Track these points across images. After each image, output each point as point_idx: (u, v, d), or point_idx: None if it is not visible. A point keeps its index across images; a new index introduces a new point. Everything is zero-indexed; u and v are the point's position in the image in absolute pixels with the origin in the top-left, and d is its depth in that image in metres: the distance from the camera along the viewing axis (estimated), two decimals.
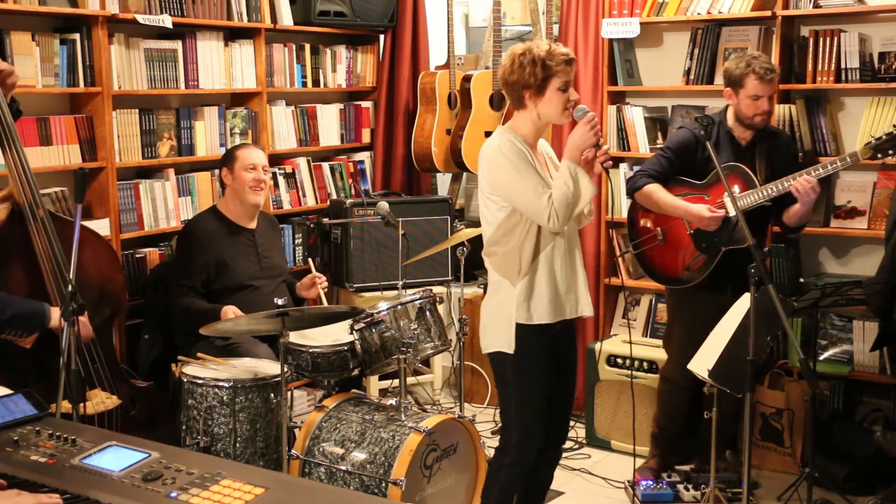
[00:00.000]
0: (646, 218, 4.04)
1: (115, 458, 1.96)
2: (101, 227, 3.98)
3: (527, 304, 3.04)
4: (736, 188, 3.77)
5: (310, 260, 4.57)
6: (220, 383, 3.43)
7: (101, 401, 3.32)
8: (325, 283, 4.25)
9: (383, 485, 3.30)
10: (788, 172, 3.77)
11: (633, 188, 3.93)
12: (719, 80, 4.55)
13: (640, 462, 4.20)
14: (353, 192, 5.40)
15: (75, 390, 2.78)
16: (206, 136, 4.58)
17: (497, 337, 3.10)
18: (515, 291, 3.04)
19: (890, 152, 3.64)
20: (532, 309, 3.04)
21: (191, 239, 4.04)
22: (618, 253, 4.82)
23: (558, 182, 2.98)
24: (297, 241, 5.05)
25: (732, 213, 3.74)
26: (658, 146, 3.92)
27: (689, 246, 3.90)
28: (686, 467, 4.17)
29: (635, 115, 4.80)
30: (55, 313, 3.11)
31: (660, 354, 4.28)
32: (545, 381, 3.13)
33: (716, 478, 3.60)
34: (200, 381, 3.46)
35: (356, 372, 3.74)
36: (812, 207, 3.76)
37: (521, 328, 3.05)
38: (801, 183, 3.63)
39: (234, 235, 4.12)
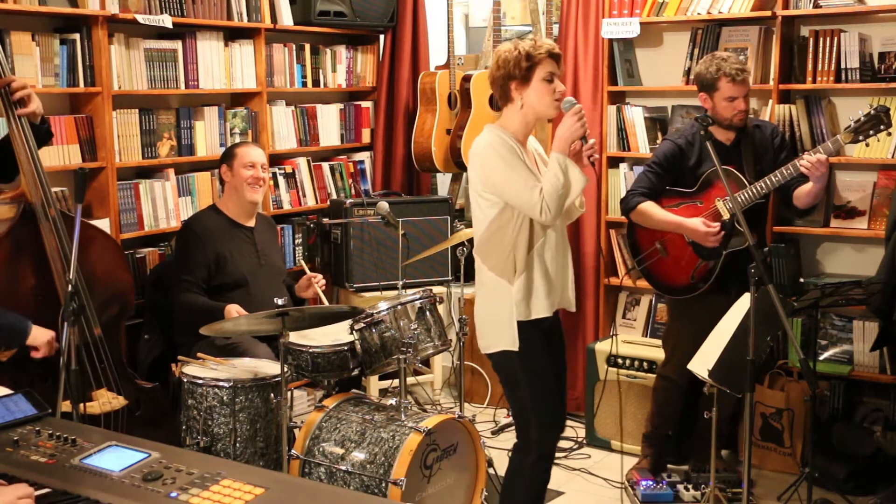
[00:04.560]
0: (646, 234, 4.03)
1: (115, 458, 1.96)
2: (101, 227, 3.97)
3: (526, 301, 3.06)
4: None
5: (301, 261, 4.57)
6: (220, 383, 3.43)
7: (107, 401, 3.31)
8: (322, 282, 4.25)
9: (383, 485, 3.30)
10: (780, 163, 3.79)
11: (627, 208, 3.92)
12: None
13: (634, 462, 4.22)
14: (353, 192, 5.40)
15: (75, 390, 2.78)
16: (206, 136, 4.58)
17: (499, 337, 3.10)
18: (514, 289, 3.05)
19: (871, 132, 3.65)
20: (532, 305, 3.06)
21: (190, 236, 4.04)
22: (622, 273, 4.78)
23: (548, 175, 2.99)
24: (297, 241, 5.05)
25: (726, 216, 3.77)
26: (645, 162, 3.93)
27: (691, 255, 3.90)
28: (681, 467, 4.17)
29: (635, 115, 4.80)
30: (36, 332, 3.10)
31: (659, 354, 4.27)
32: (551, 375, 3.15)
33: (716, 478, 3.60)
34: (200, 381, 3.46)
35: (356, 372, 3.74)
36: (825, 184, 3.74)
37: (521, 325, 3.06)
38: (809, 159, 3.60)
39: (233, 232, 4.12)
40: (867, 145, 3.81)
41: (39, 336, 3.10)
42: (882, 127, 3.64)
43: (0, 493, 1.80)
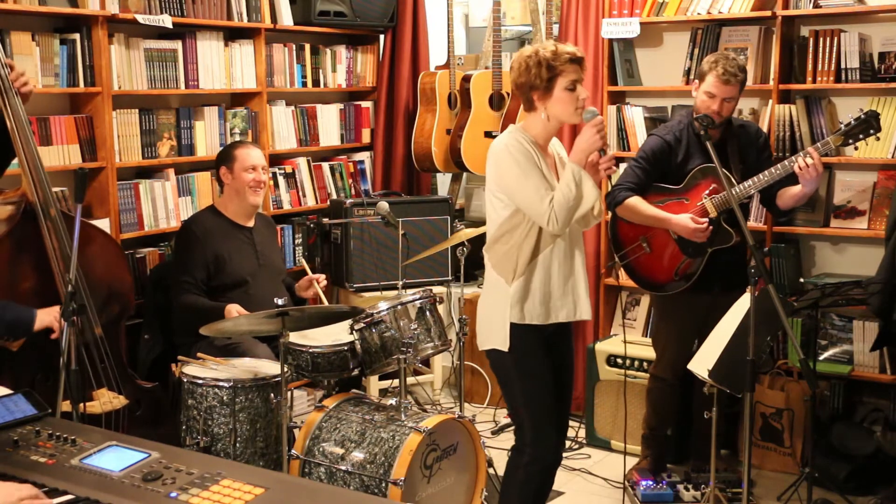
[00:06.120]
0: (629, 229, 4.02)
1: (115, 458, 1.96)
2: (101, 227, 3.98)
3: (521, 304, 3.04)
4: (714, 188, 3.79)
5: (302, 260, 4.57)
6: (220, 383, 3.43)
7: (108, 400, 3.32)
8: (324, 283, 4.25)
9: (383, 485, 3.30)
10: (762, 163, 3.80)
11: (613, 203, 3.89)
12: None
13: (634, 462, 4.22)
14: (353, 192, 5.40)
15: (75, 390, 2.78)
16: (206, 136, 4.58)
17: (492, 335, 3.11)
18: (511, 291, 3.05)
19: (861, 136, 3.65)
20: (525, 310, 3.05)
21: (190, 236, 4.04)
22: (602, 269, 4.82)
23: (561, 185, 2.97)
24: (297, 241, 5.05)
25: (713, 214, 3.77)
26: (631, 157, 3.91)
27: (676, 252, 3.90)
28: (681, 467, 4.17)
29: (635, 115, 4.80)
30: (41, 316, 3.11)
31: None
32: (547, 377, 3.14)
33: (716, 478, 3.60)
34: (200, 381, 3.46)
35: (356, 372, 3.74)
36: (814, 189, 3.70)
37: (515, 327, 3.06)
38: (807, 161, 3.56)
39: (232, 232, 4.12)
40: (856, 149, 3.81)
41: (45, 319, 3.10)
42: (872, 131, 3.64)
43: (7, 492, 1.80)
